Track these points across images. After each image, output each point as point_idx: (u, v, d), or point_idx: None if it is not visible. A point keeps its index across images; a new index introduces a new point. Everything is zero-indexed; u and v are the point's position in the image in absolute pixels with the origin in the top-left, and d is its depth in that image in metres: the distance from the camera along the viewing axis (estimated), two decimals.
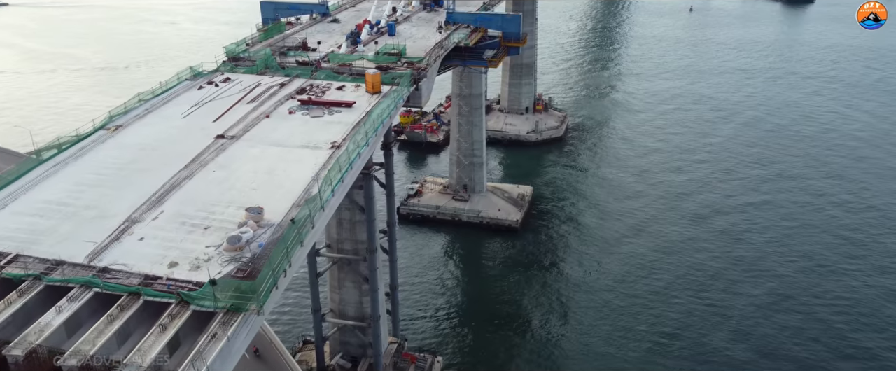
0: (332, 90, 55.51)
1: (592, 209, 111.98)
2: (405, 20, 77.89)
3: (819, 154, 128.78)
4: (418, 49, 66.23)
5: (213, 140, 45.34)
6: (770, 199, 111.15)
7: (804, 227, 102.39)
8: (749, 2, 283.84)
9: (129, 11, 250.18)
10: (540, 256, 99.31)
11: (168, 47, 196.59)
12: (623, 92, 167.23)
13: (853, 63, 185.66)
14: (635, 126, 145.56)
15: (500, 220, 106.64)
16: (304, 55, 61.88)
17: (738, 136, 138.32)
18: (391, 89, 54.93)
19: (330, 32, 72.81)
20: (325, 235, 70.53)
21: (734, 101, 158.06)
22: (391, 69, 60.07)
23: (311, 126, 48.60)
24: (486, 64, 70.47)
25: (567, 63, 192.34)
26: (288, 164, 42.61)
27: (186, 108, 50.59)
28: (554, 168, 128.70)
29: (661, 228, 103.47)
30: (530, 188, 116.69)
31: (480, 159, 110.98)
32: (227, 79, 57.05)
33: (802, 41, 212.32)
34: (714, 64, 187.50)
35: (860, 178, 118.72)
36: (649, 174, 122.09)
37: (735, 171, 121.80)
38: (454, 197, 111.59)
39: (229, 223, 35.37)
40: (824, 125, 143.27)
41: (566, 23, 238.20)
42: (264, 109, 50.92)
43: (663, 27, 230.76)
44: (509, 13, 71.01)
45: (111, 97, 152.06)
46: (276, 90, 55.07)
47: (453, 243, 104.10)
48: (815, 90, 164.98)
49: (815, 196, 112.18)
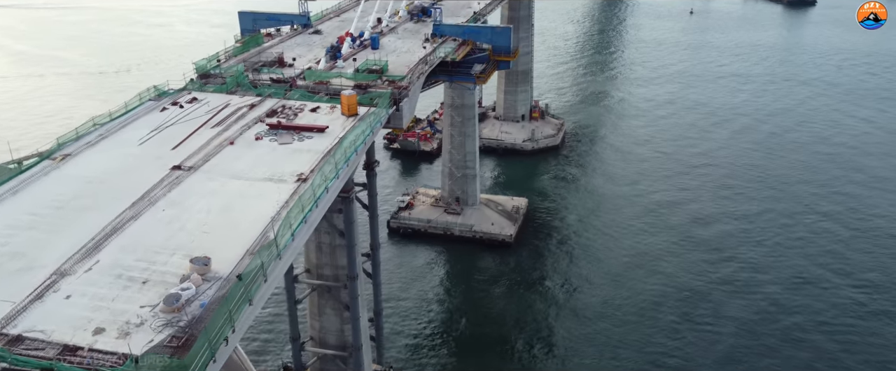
0: (305, 112, 51.53)
1: (588, 223, 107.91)
2: (390, 32, 73.91)
3: (821, 165, 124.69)
4: (402, 64, 62.27)
5: (168, 172, 41.37)
6: (772, 217, 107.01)
7: (806, 246, 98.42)
8: (750, 4, 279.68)
9: (122, 13, 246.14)
10: (534, 274, 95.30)
11: (159, 50, 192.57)
12: (621, 98, 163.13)
13: (856, 68, 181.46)
14: (633, 134, 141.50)
15: (493, 235, 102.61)
16: (278, 72, 57.92)
17: (739, 146, 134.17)
18: (369, 111, 50.98)
19: (310, 45, 68.81)
20: (304, 259, 66.63)
21: (735, 109, 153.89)
22: (371, 88, 56.15)
23: (279, 154, 44.62)
24: (473, 80, 66.49)
25: (565, 67, 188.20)
26: (247, 200, 38.64)
27: (145, 134, 46.60)
28: (550, 178, 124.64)
29: (656, 246, 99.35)
30: (525, 200, 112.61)
31: (473, 171, 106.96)
32: (194, 99, 53.08)
33: (804, 45, 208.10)
34: (714, 69, 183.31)
35: (862, 192, 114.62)
36: (647, 186, 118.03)
37: (736, 186, 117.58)
38: (446, 210, 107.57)
39: (171, 275, 31.38)
40: (826, 134, 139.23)
41: (564, 26, 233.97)
42: (229, 135, 46.94)
43: (664, 30, 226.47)
44: (500, 26, 67.09)
45: (98, 102, 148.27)
46: (245, 112, 51.11)
47: (444, 259, 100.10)
48: (817, 97, 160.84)
49: (818, 212, 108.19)
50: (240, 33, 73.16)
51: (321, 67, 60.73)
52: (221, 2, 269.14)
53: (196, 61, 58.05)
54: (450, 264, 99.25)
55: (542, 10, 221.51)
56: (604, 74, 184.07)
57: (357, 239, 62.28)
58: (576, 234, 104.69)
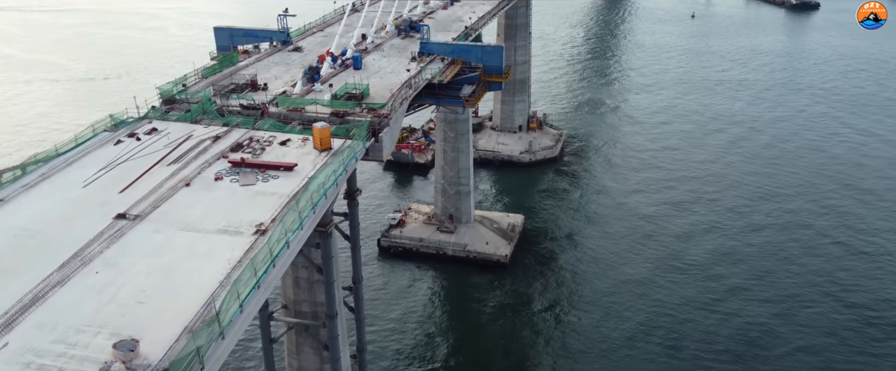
0: (274, 145, 46.59)
1: (585, 242, 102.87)
2: (376, 49, 68.89)
3: (820, 181, 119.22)
4: (385, 87, 57.32)
5: (110, 222, 36.47)
6: (771, 236, 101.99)
7: (804, 267, 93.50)
8: (752, 7, 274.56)
9: (117, 16, 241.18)
10: (529, 298, 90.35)
11: (151, 55, 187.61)
12: (621, 106, 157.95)
13: (861, 75, 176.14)
14: (633, 145, 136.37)
15: (487, 256, 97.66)
16: (249, 98, 52.92)
17: (745, 159, 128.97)
18: (344, 145, 46.02)
19: (288, 65, 63.85)
20: (281, 294, 61.83)
21: (739, 119, 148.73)
22: (349, 116, 51.19)
23: (239, 198, 39.71)
24: (462, 103, 61.44)
25: (563, 74, 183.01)
26: (195, 259, 33.73)
27: (92, 173, 41.67)
28: (548, 193, 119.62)
29: (653, 270, 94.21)
30: (521, 217, 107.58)
31: (467, 188, 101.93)
32: (154, 130, 48.16)
33: (808, 51, 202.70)
34: (716, 75, 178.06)
35: (863, 211, 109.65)
36: (649, 202, 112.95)
37: (735, 201, 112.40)
38: (439, 228, 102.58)
39: (90, 364, 26.49)
40: (828, 146, 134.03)
41: (563, 30, 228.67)
42: (186, 174, 42.00)
43: (665, 35, 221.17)
44: (491, 45, 62.00)
45: (83, 109, 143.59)
46: (208, 145, 46.16)
47: (436, 281, 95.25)
48: (819, 105, 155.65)
49: (818, 231, 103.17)
50: (216, 49, 68.15)
51: (297, 91, 55.79)
52: (218, 4, 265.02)
53: (161, 86, 53.10)
54: (442, 287, 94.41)
55: (541, 14, 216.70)
56: (604, 81, 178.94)
57: (337, 275, 57.45)
58: (573, 255, 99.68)
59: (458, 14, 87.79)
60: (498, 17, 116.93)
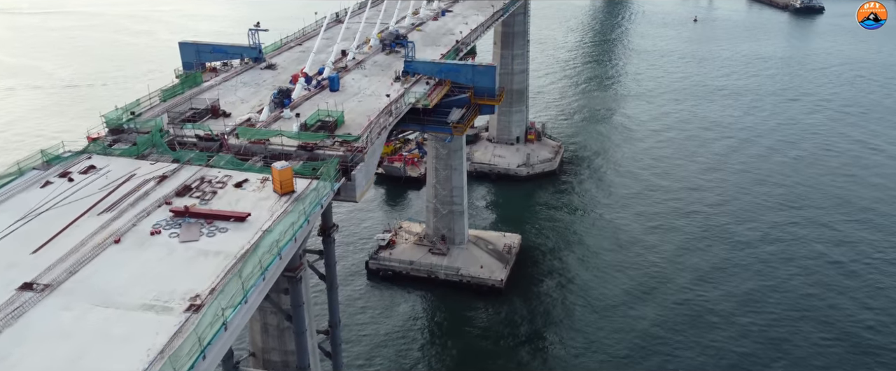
0: (228, 188, 39.96)
1: (588, 263, 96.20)
2: (357, 66, 62.15)
3: (821, 199, 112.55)
4: (364, 113, 50.70)
5: (11, 294, 29.86)
6: (783, 255, 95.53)
7: (810, 291, 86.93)
8: (754, 11, 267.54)
9: (108, 19, 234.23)
10: (526, 328, 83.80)
11: (141, 61, 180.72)
12: (624, 116, 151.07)
13: (870, 84, 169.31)
14: (637, 157, 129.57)
15: (482, 280, 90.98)
16: (205, 128, 46.22)
17: (749, 170, 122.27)
18: (309, 188, 39.39)
19: (258, 86, 57.16)
20: (249, 341, 55.40)
21: (743, 128, 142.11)
22: (319, 149, 44.52)
23: (176, 260, 33.11)
24: (450, 131, 54.71)
25: (563, 82, 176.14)
26: (108, 344, 27.21)
27: (4, 226, 35.06)
28: (546, 210, 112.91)
29: (662, 289, 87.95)
30: (518, 237, 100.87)
31: (461, 207, 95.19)
32: (91, 167, 41.51)
33: (815, 57, 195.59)
34: (721, 83, 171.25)
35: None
36: (653, 218, 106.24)
37: (746, 215, 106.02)
38: (431, 250, 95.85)
39: None
40: (842, 158, 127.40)
41: (563, 35, 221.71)
42: (118, 227, 35.38)
43: (667, 39, 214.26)
44: (483, 64, 55.38)
45: (67, 119, 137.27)
46: (152, 188, 39.52)
47: (427, 308, 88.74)
48: (828, 116, 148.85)
49: (829, 251, 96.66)
50: (181, 66, 61.52)
51: (263, 119, 49.16)
52: (213, 7, 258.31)
53: (107, 114, 46.45)
54: (433, 315, 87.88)
55: (539, 18, 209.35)
56: (605, 89, 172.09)
57: (309, 322, 51.02)
58: (572, 279, 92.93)
59: (449, 26, 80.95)
60: (493, 29, 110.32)
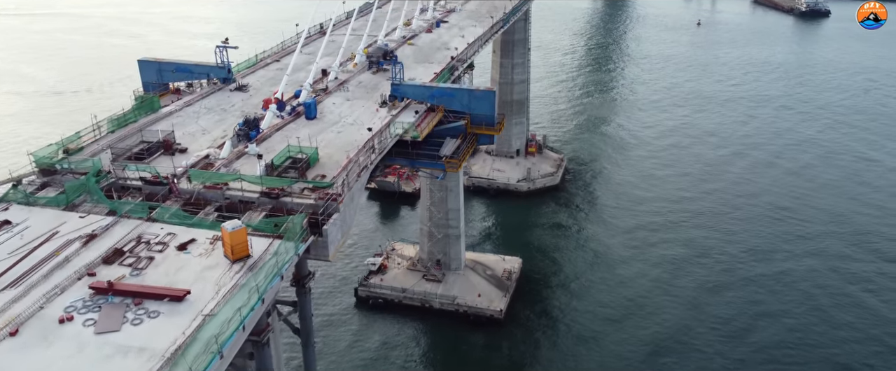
0: (169, 250, 32.47)
1: (594, 291, 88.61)
2: (339, 88, 54.53)
3: (820, 216, 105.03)
4: (343, 147, 43.17)
5: None
6: (788, 274, 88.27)
7: (828, 326, 79.53)
8: (758, 14, 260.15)
9: (97, 21, 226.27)
10: (528, 363, 76.45)
11: (129, 65, 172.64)
12: (628, 126, 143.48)
13: (885, 92, 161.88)
14: (643, 171, 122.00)
15: (480, 310, 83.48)
16: (151, 170, 38.64)
17: (763, 189, 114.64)
18: (268, 252, 31.91)
19: (224, 112, 49.58)
20: None
21: (752, 141, 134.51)
22: (287, 196, 37.02)
23: (85, 361, 25.60)
24: (442, 166, 47.16)
25: (564, 89, 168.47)
26: None
27: None
28: (548, 229, 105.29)
29: (675, 322, 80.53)
30: (519, 261, 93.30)
31: (457, 231, 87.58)
32: (6, 222, 34.00)
33: (824, 63, 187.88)
34: (727, 91, 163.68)
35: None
36: (662, 242, 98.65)
37: (764, 240, 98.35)
38: (425, 276, 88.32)
39: None
40: (851, 173, 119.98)
41: (564, 39, 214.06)
42: (20, 311, 27.86)
43: (671, 44, 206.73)
44: (480, 88, 47.49)
45: (49, 128, 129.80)
46: (76, 251, 32.04)
47: (420, 341, 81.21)
48: (840, 126, 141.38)
49: (844, 276, 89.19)
50: (141, 87, 53.97)
51: (224, 155, 41.62)
52: (207, 8, 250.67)
53: (36, 152, 38.91)
54: (426, 349, 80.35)
55: (539, 21, 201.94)
56: (607, 96, 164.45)
57: None
58: (577, 308, 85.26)
59: (444, 39, 73.07)
60: (492, 42, 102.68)
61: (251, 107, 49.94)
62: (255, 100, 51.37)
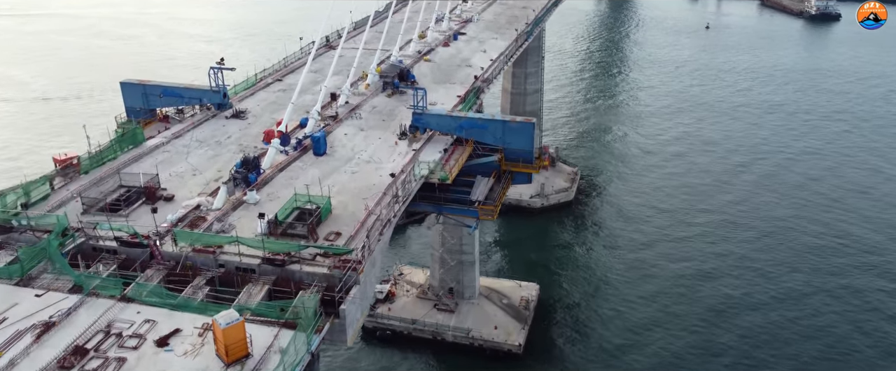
0: (146, 345, 25.23)
1: (619, 319, 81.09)
2: (350, 114, 47.20)
3: (859, 231, 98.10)
4: (359, 192, 35.89)
5: None
6: (808, 306, 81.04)
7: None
8: (766, 17, 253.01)
9: (90, 22, 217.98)
10: None
11: (123, 69, 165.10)
12: (642, 135, 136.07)
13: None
14: (660, 186, 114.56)
15: (497, 344, 76.19)
16: (127, 228, 31.30)
17: (786, 200, 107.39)
18: (272, 347, 24.68)
19: (218, 145, 42.25)
20: None
21: (772, 149, 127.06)
22: (294, 262, 29.77)
23: None
24: (475, 214, 39.92)
25: (572, 96, 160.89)
26: None
27: None
28: (565, 250, 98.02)
29: (705, 351, 73.49)
30: (536, 288, 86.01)
31: (472, 257, 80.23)
32: None
33: (840, 69, 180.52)
34: (742, 97, 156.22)
35: None
36: (686, 259, 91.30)
37: (779, 264, 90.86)
38: (436, 305, 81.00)
39: None
40: (866, 187, 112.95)
41: (570, 43, 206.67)
42: None
43: (681, 48, 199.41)
44: (516, 119, 40.30)
45: (29, 136, 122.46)
46: (25, 350, 24.74)
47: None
48: (858, 135, 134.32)
49: (867, 300, 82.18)
50: (124, 112, 46.67)
51: (218, 205, 34.34)
52: (205, 10, 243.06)
53: None
54: None
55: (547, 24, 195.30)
56: (618, 104, 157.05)
57: None
58: (601, 340, 77.87)
59: (463, 54, 65.54)
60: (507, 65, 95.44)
61: (250, 138, 42.68)
62: (255, 129, 44.09)
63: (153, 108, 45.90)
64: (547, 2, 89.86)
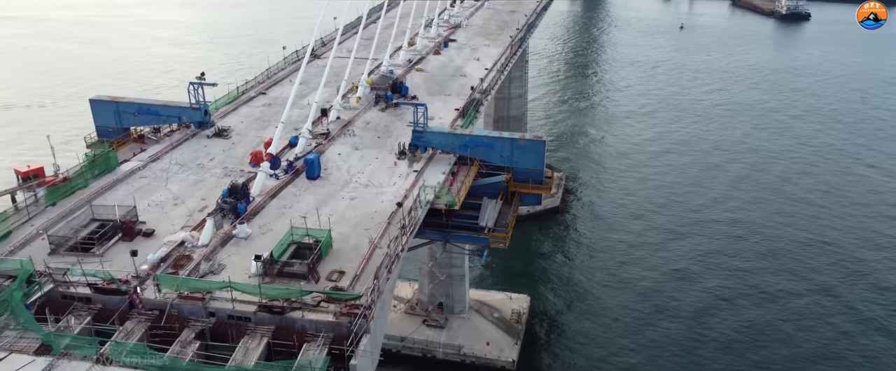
0: None
1: (613, 330, 78.22)
2: (343, 131, 43.50)
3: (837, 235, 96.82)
4: (361, 223, 32.31)
5: None
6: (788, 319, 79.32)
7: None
8: (738, 17, 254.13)
9: (55, 25, 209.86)
10: None
11: (89, 75, 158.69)
12: (622, 137, 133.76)
13: (886, 100, 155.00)
14: (642, 187, 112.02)
15: (489, 361, 72.96)
16: (102, 275, 27.33)
17: (762, 200, 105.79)
18: None
19: (201, 169, 38.30)
20: None
21: (748, 148, 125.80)
22: (296, 309, 26.15)
23: None
24: (485, 241, 36.60)
25: (551, 97, 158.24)
26: None
27: None
28: (554, 258, 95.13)
29: (699, 355, 71.23)
30: (527, 299, 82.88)
31: (462, 270, 76.86)
32: None
33: (811, 68, 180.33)
34: (718, 97, 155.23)
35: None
36: (672, 261, 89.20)
37: (761, 264, 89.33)
38: (425, 321, 77.60)
39: None
40: (848, 188, 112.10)
41: (544, 43, 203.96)
42: None
43: (656, 49, 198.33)
44: (525, 137, 36.71)
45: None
46: None
47: None
48: (832, 134, 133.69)
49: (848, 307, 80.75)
50: (95, 132, 42.42)
51: (205, 241, 30.49)
52: (172, 11, 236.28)
53: None
54: None
55: None
56: (597, 106, 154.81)
57: None
58: (596, 352, 75.46)
59: (456, 63, 61.95)
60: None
61: (235, 160, 38.79)
62: (240, 149, 40.19)
63: (127, 128, 41.72)
64: (536, 5, 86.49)
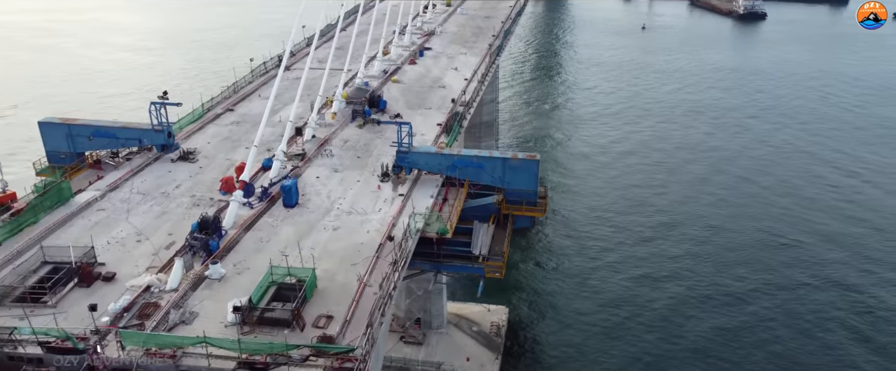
0: None
1: (593, 340, 75.85)
2: (319, 151, 40.23)
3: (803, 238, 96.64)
4: (347, 256, 29.19)
5: None
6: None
7: None
8: (696, 17, 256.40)
9: (5, 31, 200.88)
10: None
11: (40, 83, 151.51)
12: (588, 140, 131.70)
13: (846, 97, 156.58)
14: (612, 191, 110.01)
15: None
16: (56, 333, 23.77)
17: (727, 200, 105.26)
18: None
19: (166, 199, 34.70)
20: None
21: (711, 148, 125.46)
22: (279, 364, 22.97)
23: None
24: (481, 271, 33.89)
25: (515, 99, 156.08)
26: None
27: None
28: (529, 267, 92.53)
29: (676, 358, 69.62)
30: (505, 311, 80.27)
31: (440, 285, 73.89)
32: None
33: (772, 67, 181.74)
34: (680, 97, 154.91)
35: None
36: (643, 264, 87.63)
37: (744, 255, 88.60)
38: (403, 338, 74.42)
39: None
40: (811, 185, 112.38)
41: (511, 44, 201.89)
42: None
43: (620, 49, 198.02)
44: (518, 156, 34.15)
45: None
46: None
47: None
48: (793, 132, 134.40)
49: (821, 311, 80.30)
50: (46, 157, 38.44)
51: (173, 285, 27.08)
52: (131, 15, 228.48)
53: None
54: None
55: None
56: (562, 108, 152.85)
57: None
58: (577, 363, 73.36)
59: (433, 73, 58.99)
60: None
61: (204, 186, 35.29)
62: (209, 174, 36.69)
63: (81, 152, 37.87)
64: (510, 11, 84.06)
